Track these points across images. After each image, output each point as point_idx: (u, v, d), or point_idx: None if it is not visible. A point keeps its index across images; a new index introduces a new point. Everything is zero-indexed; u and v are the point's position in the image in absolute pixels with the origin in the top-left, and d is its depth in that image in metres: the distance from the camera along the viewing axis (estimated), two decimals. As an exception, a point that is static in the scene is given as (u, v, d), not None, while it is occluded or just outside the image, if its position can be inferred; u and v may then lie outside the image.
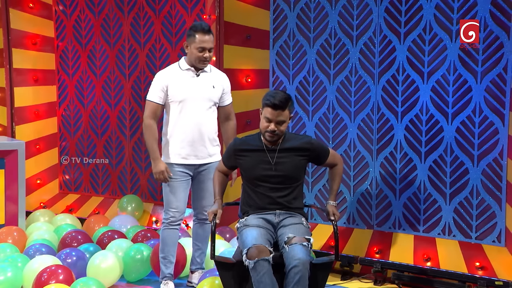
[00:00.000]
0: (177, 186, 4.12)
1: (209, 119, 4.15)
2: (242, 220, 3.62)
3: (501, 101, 4.14)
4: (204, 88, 4.12)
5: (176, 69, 4.15)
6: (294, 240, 3.35)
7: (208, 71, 4.17)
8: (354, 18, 4.71)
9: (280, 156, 3.58)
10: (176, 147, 4.12)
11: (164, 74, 4.15)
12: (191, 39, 4.04)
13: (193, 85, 4.10)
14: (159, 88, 4.09)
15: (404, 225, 4.59)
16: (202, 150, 4.13)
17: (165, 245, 4.15)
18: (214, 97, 4.16)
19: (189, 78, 4.11)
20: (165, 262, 4.18)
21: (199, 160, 4.14)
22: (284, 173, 3.57)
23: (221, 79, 4.26)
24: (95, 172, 6.46)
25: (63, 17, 6.55)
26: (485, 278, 4.06)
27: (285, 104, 3.49)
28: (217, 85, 4.19)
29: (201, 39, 4.00)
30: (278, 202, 3.59)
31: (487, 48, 4.16)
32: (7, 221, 5.35)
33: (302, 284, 3.25)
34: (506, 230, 4.16)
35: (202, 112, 4.11)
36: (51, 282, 3.88)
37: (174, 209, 4.13)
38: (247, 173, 3.65)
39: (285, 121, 3.52)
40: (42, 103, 6.64)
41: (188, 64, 4.12)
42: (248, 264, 3.28)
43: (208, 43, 4.02)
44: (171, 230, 4.15)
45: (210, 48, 4.04)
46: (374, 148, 4.69)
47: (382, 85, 4.61)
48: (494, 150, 4.19)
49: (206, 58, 4.04)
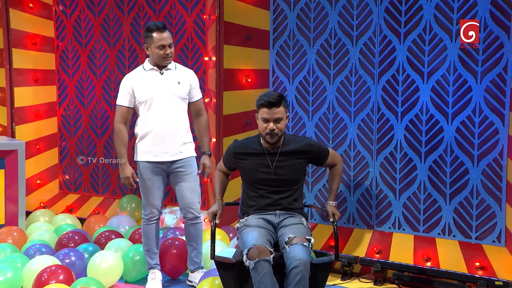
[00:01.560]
0: (151, 186, 4.23)
1: (177, 116, 4.21)
2: (242, 220, 3.62)
3: (501, 101, 4.14)
4: (169, 85, 4.19)
5: (140, 70, 4.26)
6: (295, 240, 3.34)
7: (172, 69, 4.24)
8: (354, 18, 4.71)
9: (280, 159, 3.58)
10: (146, 145, 4.21)
11: (128, 77, 4.26)
12: (149, 40, 4.14)
13: (157, 84, 4.18)
14: (125, 91, 4.21)
15: (404, 225, 4.59)
16: (172, 147, 4.19)
17: (147, 239, 4.31)
18: (181, 93, 4.22)
19: (153, 78, 4.19)
20: (150, 254, 4.33)
21: (170, 157, 4.20)
22: (284, 177, 3.57)
23: (187, 75, 4.31)
24: (95, 172, 6.46)
25: (63, 17, 6.55)
26: (485, 278, 4.06)
27: (279, 100, 3.52)
28: (183, 81, 4.24)
29: (159, 37, 4.10)
30: (279, 203, 3.59)
31: (487, 48, 4.16)
32: (7, 221, 5.35)
33: (302, 284, 3.25)
34: (506, 230, 4.16)
35: (170, 109, 4.18)
36: (51, 282, 3.88)
37: (150, 206, 4.27)
38: (247, 176, 3.66)
39: (282, 118, 3.53)
40: (42, 103, 6.64)
41: (152, 64, 4.22)
42: (249, 265, 3.28)
43: (167, 39, 4.12)
44: (151, 225, 4.30)
45: (169, 44, 4.14)
46: (374, 148, 4.69)
47: (382, 85, 4.61)
48: (494, 150, 4.19)
49: (168, 54, 4.14)
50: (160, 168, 4.23)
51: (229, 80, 5.23)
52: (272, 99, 3.50)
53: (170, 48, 4.15)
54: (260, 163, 3.58)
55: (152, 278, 4.29)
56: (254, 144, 3.65)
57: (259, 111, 3.56)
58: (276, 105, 3.50)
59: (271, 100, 3.49)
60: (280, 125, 3.53)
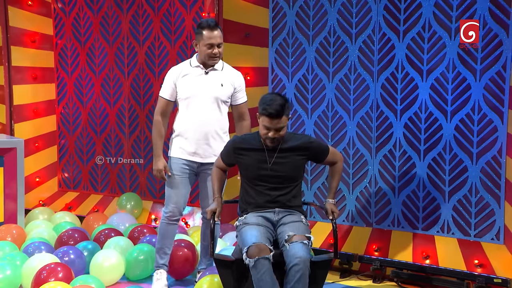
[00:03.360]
0: (178, 182, 4.13)
1: (215, 118, 4.10)
2: (241, 218, 3.62)
3: (500, 99, 4.14)
4: (211, 86, 4.08)
5: (186, 65, 4.15)
6: (295, 238, 3.34)
7: (219, 69, 4.12)
8: (353, 16, 4.70)
9: (279, 156, 3.56)
10: (181, 142, 4.12)
11: (174, 70, 4.16)
12: (199, 36, 4.03)
13: (199, 83, 4.08)
14: (169, 84, 4.12)
15: (403, 223, 4.60)
16: (206, 149, 4.10)
17: (162, 238, 4.21)
18: (222, 95, 4.10)
19: (197, 76, 4.09)
20: (160, 253, 4.23)
21: (202, 159, 4.12)
22: (282, 174, 3.56)
23: (233, 76, 4.18)
24: (94, 170, 6.46)
25: (62, 15, 6.55)
26: (484, 276, 4.06)
27: (281, 112, 3.41)
28: (226, 83, 4.12)
29: (208, 36, 3.99)
30: (277, 200, 3.58)
31: (486, 46, 4.16)
32: (6, 219, 5.34)
33: (302, 282, 3.25)
34: (505, 227, 4.17)
35: (207, 111, 4.08)
36: (50, 280, 3.87)
37: (173, 204, 4.15)
38: (246, 172, 3.65)
39: (283, 127, 3.49)
40: (41, 101, 6.64)
41: (199, 61, 4.11)
42: (249, 263, 3.28)
43: (216, 38, 4.00)
44: (170, 225, 4.18)
45: (218, 44, 4.02)
46: (373, 146, 4.69)
47: (381, 83, 4.61)
48: (493, 148, 4.19)
49: (216, 54, 4.02)
50: (190, 167, 4.13)
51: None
52: (273, 111, 3.40)
53: (219, 47, 4.02)
54: (258, 159, 3.58)
55: (158, 278, 4.20)
56: (253, 139, 3.64)
57: (261, 117, 3.50)
58: (278, 116, 3.42)
59: (273, 111, 3.40)
60: (281, 132, 3.49)
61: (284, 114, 3.44)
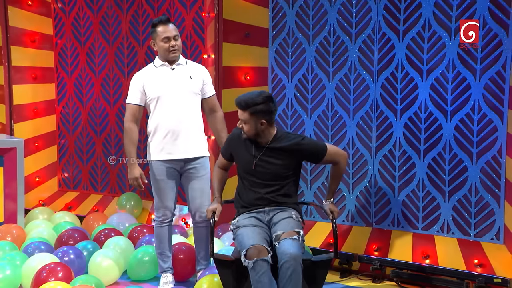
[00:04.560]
0: (164, 187, 4.10)
1: (190, 112, 4.09)
2: (234, 221, 3.63)
3: (500, 99, 4.14)
4: (181, 80, 4.07)
5: (150, 68, 4.15)
6: (283, 235, 3.34)
7: (183, 64, 4.13)
8: (353, 16, 4.70)
9: (266, 153, 3.57)
10: (158, 143, 4.07)
11: (138, 75, 4.15)
12: (154, 34, 4.06)
13: (169, 79, 4.06)
14: (136, 89, 4.09)
15: (403, 223, 4.60)
16: (185, 144, 4.06)
17: (160, 242, 4.19)
18: (194, 88, 4.10)
19: (164, 73, 4.08)
20: (162, 257, 4.22)
21: (182, 155, 4.06)
22: (266, 171, 3.56)
23: (199, 70, 4.20)
24: (94, 170, 6.46)
25: (62, 15, 6.55)
26: (484, 276, 4.06)
27: (243, 105, 3.52)
28: (195, 76, 4.12)
29: (163, 30, 4.02)
30: (265, 198, 3.58)
31: (486, 45, 4.16)
32: (6, 219, 5.34)
33: (295, 279, 3.22)
34: (505, 227, 4.17)
35: (182, 105, 4.05)
36: (50, 279, 3.87)
37: (163, 208, 4.14)
38: (237, 164, 3.71)
39: (246, 122, 3.53)
40: (41, 101, 6.64)
41: (162, 60, 4.11)
42: (247, 264, 3.28)
43: (171, 31, 4.02)
44: (163, 227, 4.18)
45: (174, 36, 4.03)
46: (373, 145, 4.69)
47: (381, 82, 4.61)
48: (493, 147, 4.19)
49: (174, 46, 4.03)
50: (173, 168, 4.09)
51: (228, 77, 5.22)
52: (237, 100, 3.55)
53: (176, 40, 4.03)
54: (247, 153, 3.61)
55: (165, 282, 4.18)
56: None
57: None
58: (240, 107, 3.54)
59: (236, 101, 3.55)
60: (245, 127, 3.55)
61: (247, 110, 3.51)
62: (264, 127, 3.53)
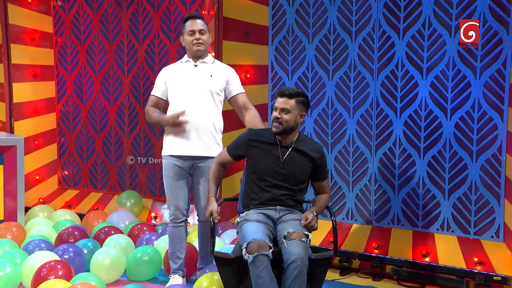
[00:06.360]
0: (173, 185, 4.07)
1: (206, 111, 4.03)
2: (242, 214, 3.62)
3: (500, 97, 4.14)
4: (200, 77, 4.04)
5: (177, 63, 4.17)
6: (293, 235, 3.35)
7: (208, 63, 4.10)
8: (353, 14, 4.70)
9: (291, 154, 3.58)
10: (172, 138, 4.04)
11: (165, 69, 4.18)
12: (183, 29, 4.08)
13: (189, 76, 4.05)
14: (159, 81, 4.13)
15: (402, 221, 4.60)
16: (197, 142, 4.01)
17: (171, 242, 4.16)
18: (212, 87, 4.04)
19: (187, 70, 4.08)
20: (173, 257, 4.17)
21: (192, 152, 4.01)
22: (290, 172, 3.57)
23: (223, 69, 4.14)
24: (94, 168, 6.46)
25: (62, 13, 6.54)
26: (484, 273, 4.07)
27: (293, 93, 3.52)
28: (216, 75, 4.07)
29: (189, 24, 4.03)
30: (280, 199, 3.59)
31: (486, 43, 4.16)
32: (6, 217, 5.35)
33: (300, 279, 3.26)
34: (505, 225, 4.17)
35: (198, 103, 4.01)
36: (50, 277, 3.87)
37: (173, 207, 4.11)
38: (255, 165, 3.63)
39: (289, 110, 3.51)
40: (40, 99, 6.64)
41: (189, 56, 4.11)
42: (248, 259, 3.28)
43: (197, 25, 4.02)
44: (176, 227, 4.13)
45: (200, 30, 4.02)
46: (373, 143, 4.69)
47: (381, 80, 4.61)
48: (492, 145, 4.19)
49: (199, 40, 4.01)
50: (182, 167, 4.04)
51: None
52: (284, 90, 3.55)
53: (202, 34, 4.01)
54: (270, 153, 3.59)
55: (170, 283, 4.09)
56: (268, 134, 3.66)
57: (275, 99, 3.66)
58: (286, 96, 3.54)
59: (283, 90, 3.54)
60: (286, 116, 3.53)
61: (294, 98, 3.52)
62: (300, 121, 3.58)
